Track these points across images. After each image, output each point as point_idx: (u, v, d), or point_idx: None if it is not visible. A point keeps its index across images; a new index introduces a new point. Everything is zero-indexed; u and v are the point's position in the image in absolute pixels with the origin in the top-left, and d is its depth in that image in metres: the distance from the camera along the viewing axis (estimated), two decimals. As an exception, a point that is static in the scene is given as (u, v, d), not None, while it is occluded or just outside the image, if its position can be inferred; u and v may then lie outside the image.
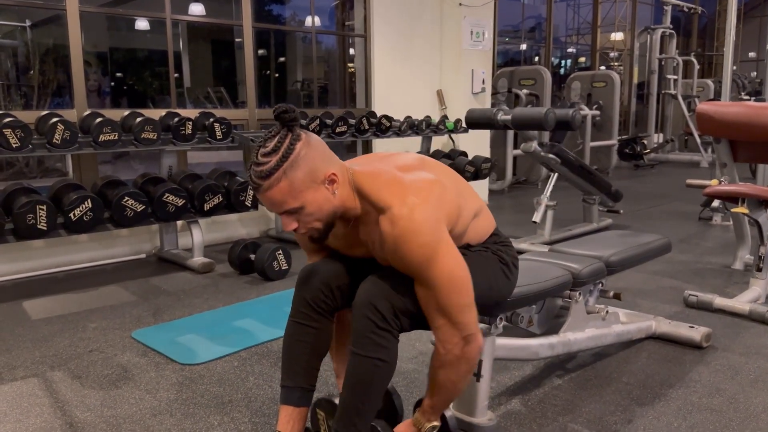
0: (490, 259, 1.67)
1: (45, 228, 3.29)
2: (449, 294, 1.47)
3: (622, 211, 5.17)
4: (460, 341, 1.50)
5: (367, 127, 4.93)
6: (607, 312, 2.41)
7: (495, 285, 1.67)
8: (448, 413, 1.72)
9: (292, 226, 1.49)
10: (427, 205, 1.47)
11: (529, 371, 2.40)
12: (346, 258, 1.73)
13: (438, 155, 5.47)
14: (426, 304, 1.49)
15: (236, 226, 4.88)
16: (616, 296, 2.50)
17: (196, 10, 9.88)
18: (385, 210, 1.47)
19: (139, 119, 3.91)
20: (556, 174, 4.56)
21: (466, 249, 1.65)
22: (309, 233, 1.53)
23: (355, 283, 1.69)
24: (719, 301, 3.05)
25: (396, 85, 5.80)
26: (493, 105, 6.59)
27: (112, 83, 12.01)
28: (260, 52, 12.25)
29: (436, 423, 1.64)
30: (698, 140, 9.27)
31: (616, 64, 12.39)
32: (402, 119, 5.27)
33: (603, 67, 11.51)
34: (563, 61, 14.47)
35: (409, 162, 1.60)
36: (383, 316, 1.47)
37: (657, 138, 10.44)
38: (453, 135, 6.03)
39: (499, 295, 1.71)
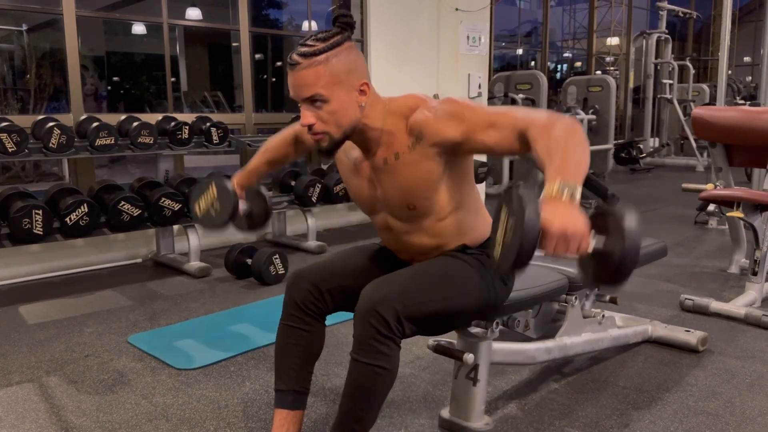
0: (488, 263, 1.67)
1: (41, 232, 3.28)
2: (512, 107, 1.49)
3: (618, 215, 5.18)
4: (548, 117, 1.38)
5: (363, 131, 4.93)
6: (603, 316, 2.41)
7: (492, 290, 1.67)
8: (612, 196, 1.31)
9: (310, 120, 1.47)
10: None
11: (526, 375, 2.40)
12: (339, 262, 1.73)
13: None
14: (505, 131, 1.43)
15: (232, 231, 4.86)
16: (613, 300, 2.50)
17: (193, 14, 9.90)
18: (421, 105, 1.53)
19: (135, 123, 3.91)
20: (553, 178, 4.56)
21: (462, 252, 1.65)
22: (321, 139, 1.51)
23: (347, 288, 1.70)
24: (715, 304, 3.06)
25: (393, 90, 5.75)
26: (489, 109, 6.60)
27: (109, 87, 12.01)
28: (257, 56, 12.27)
29: (579, 183, 1.24)
30: (694, 144, 9.30)
31: (612, 68, 12.43)
32: (399, 123, 5.27)
33: (599, 72, 11.55)
34: (559, 66, 14.52)
35: None
36: (387, 323, 1.44)
37: (653, 142, 10.47)
38: (450, 139, 6.03)
39: (497, 300, 1.72)
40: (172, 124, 4.09)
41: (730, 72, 8.63)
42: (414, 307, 1.49)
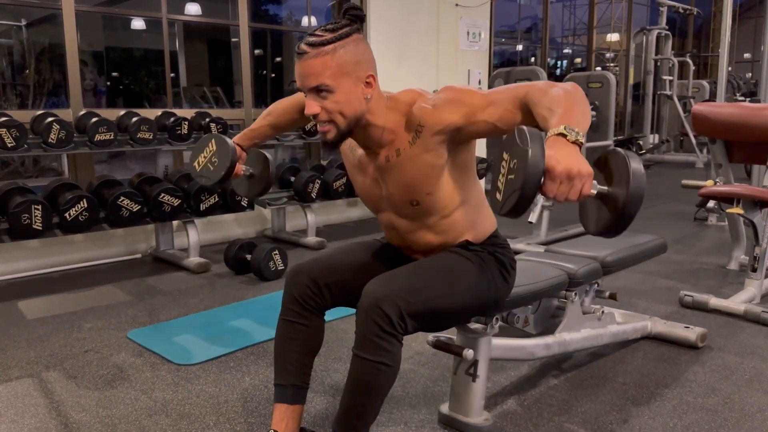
0: (489, 261, 1.67)
1: (40, 228, 3.28)
2: (509, 85, 1.49)
3: (617, 212, 5.18)
4: (550, 83, 1.41)
5: (363, 127, 4.93)
6: (602, 312, 2.42)
7: (493, 287, 1.67)
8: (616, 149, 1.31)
9: (315, 110, 1.47)
10: None
11: (525, 371, 2.40)
12: (338, 257, 1.74)
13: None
14: (506, 105, 1.44)
15: (232, 226, 4.88)
16: (612, 296, 2.50)
17: (193, 9, 9.87)
18: (419, 99, 1.54)
19: (135, 119, 3.90)
20: (552, 174, 4.56)
21: (465, 249, 1.65)
22: (327, 130, 1.51)
23: (346, 284, 1.70)
24: (714, 301, 3.06)
25: (392, 85, 5.76)
26: (489, 105, 6.59)
27: (108, 83, 11.98)
28: (257, 52, 12.24)
29: (581, 130, 1.24)
30: (694, 141, 9.29)
31: (612, 64, 12.41)
32: (398, 119, 5.27)
33: (599, 68, 11.53)
34: (559, 62, 14.50)
35: None
36: (390, 319, 1.44)
37: (653, 139, 10.46)
38: (449, 135, 6.04)
39: (498, 297, 1.72)
40: (172, 119, 4.08)
41: (730, 68, 8.61)
42: (417, 304, 1.49)
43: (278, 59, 12.89)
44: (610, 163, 1.26)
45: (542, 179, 1.13)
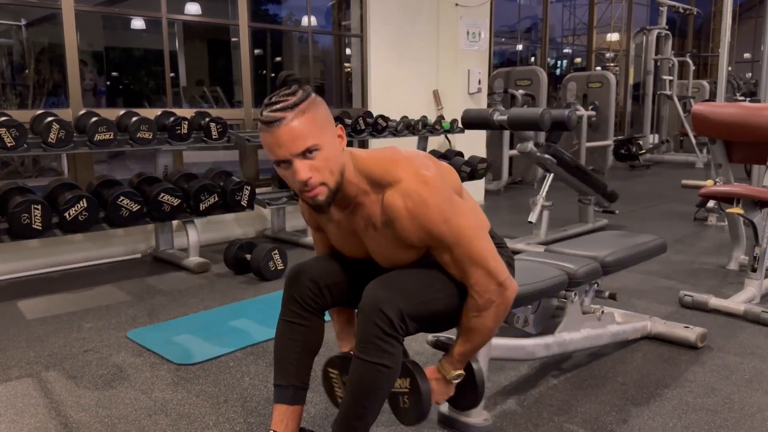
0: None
1: (40, 227, 3.28)
2: (477, 242, 1.52)
3: (617, 212, 5.19)
4: (496, 288, 1.54)
5: (363, 127, 4.93)
6: (602, 312, 2.42)
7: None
8: (475, 365, 1.72)
9: (308, 173, 1.42)
10: (435, 171, 1.51)
11: (525, 371, 2.40)
12: (337, 257, 1.73)
13: (434, 155, 5.46)
14: (457, 264, 1.53)
15: (232, 226, 4.88)
16: (612, 296, 2.50)
17: (192, 9, 9.87)
18: (394, 184, 1.48)
19: (134, 119, 3.90)
20: (552, 174, 4.57)
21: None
22: (318, 192, 1.46)
23: (346, 284, 1.70)
24: (714, 301, 3.06)
25: (392, 85, 5.80)
26: (489, 105, 6.60)
27: (108, 82, 11.98)
28: (256, 51, 12.24)
29: (462, 372, 1.67)
30: (693, 141, 9.29)
31: (611, 64, 12.40)
32: (398, 119, 5.28)
33: (599, 68, 11.53)
34: (559, 62, 14.50)
35: (406, 148, 1.63)
36: (391, 321, 1.44)
37: (652, 139, 10.46)
38: (449, 135, 6.04)
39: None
40: (171, 119, 4.08)
41: (730, 68, 8.60)
42: (418, 306, 1.50)
43: (278, 59, 12.89)
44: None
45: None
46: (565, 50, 14.85)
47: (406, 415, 1.66)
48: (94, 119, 3.73)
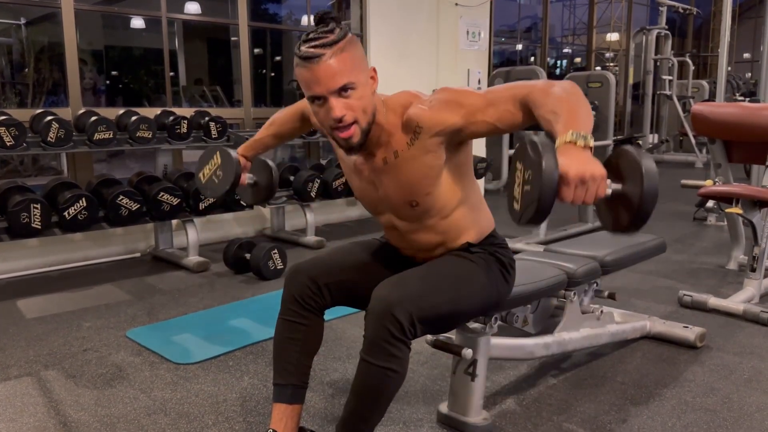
0: (491, 262, 1.67)
1: (39, 227, 3.28)
2: (507, 84, 1.47)
3: (617, 212, 5.18)
4: (550, 82, 1.39)
5: (362, 126, 4.93)
6: (601, 312, 2.42)
7: (496, 288, 1.67)
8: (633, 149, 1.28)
9: (343, 111, 1.42)
10: None
11: (524, 371, 2.40)
12: (337, 257, 1.73)
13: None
14: (506, 105, 1.42)
15: (231, 226, 4.88)
16: (611, 296, 2.50)
17: (192, 8, 9.86)
18: (415, 101, 1.52)
19: (134, 118, 3.90)
20: (552, 174, 4.56)
21: (467, 252, 1.65)
22: (352, 133, 1.46)
23: (345, 283, 1.70)
24: (713, 301, 3.06)
25: (392, 85, 5.76)
26: (489, 105, 6.59)
27: (108, 81, 11.98)
28: (256, 51, 12.23)
29: (581, 128, 1.24)
30: (693, 141, 9.29)
31: (611, 64, 12.40)
32: (398, 119, 5.27)
33: (598, 68, 11.54)
34: (559, 62, 14.50)
35: None
36: (402, 325, 1.42)
37: (652, 138, 10.46)
38: (449, 135, 6.03)
39: (499, 298, 1.71)
40: (171, 118, 4.08)
41: (729, 68, 8.61)
42: (427, 310, 1.49)
43: (278, 58, 12.88)
44: (621, 162, 1.28)
45: (558, 186, 1.17)
46: (565, 50, 14.86)
47: (528, 207, 1.23)
48: (93, 118, 3.73)
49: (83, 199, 3.40)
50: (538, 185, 1.16)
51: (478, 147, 6.39)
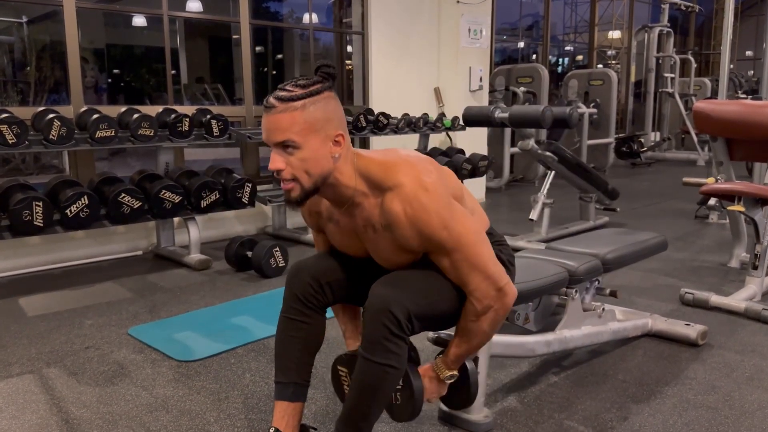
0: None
1: (41, 224, 3.28)
2: (477, 247, 1.51)
3: (618, 209, 5.18)
4: (495, 293, 1.53)
5: (364, 124, 4.93)
6: (603, 309, 2.42)
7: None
8: (469, 365, 1.72)
9: (280, 165, 1.43)
10: (436, 177, 1.51)
11: (526, 368, 2.40)
12: (338, 255, 1.73)
13: (435, 153, 5.47)
14: (456, 270, 1.51)
15: (233, 223, 4.88)
16: (613, 294, 2.51)
17: (194, 6, 9.86)
18: (394, 188, 1.47)
19: (135, 116, 3.90)
20: (553, 172, 4.57)
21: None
22: (291, 188, 1.47)
23: (347, 281, 1.70)
24: (715, 298, 3.06)
25: (393, 83, 5.80)
26: (490, 103, 6.60)
27: (109, 80, 11.99)
28: (258, 49, 12.24)
29: (455, 372, 1.67)
30: (695, 138, 9.28)
31: (613, 62, 12.39)
32: (399, 117, 5.27)
33: (600, 66, 11.52)
34: (561, 59, 14.48)
35: (408, 151, 1.63)
36: (399, 322, 1.44)
37: (654, 136, 10.45)
38: (450, 133, 6.03)
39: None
40: (173, 116, 4.08)
41: (731, 66, 8.62)
42: (424, 306, 1.50)
43: (279, 56, 12.88)
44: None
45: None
46: (567, 47, 14.83)
47: (398, 411, 1.67)
48: (95, 116, 3.74)
49: (85, 197, 3.41)
50: (412, 404, 1.63)
51: (480, 145, 6.38)
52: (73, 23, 4.10)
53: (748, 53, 17.69)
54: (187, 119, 4.10)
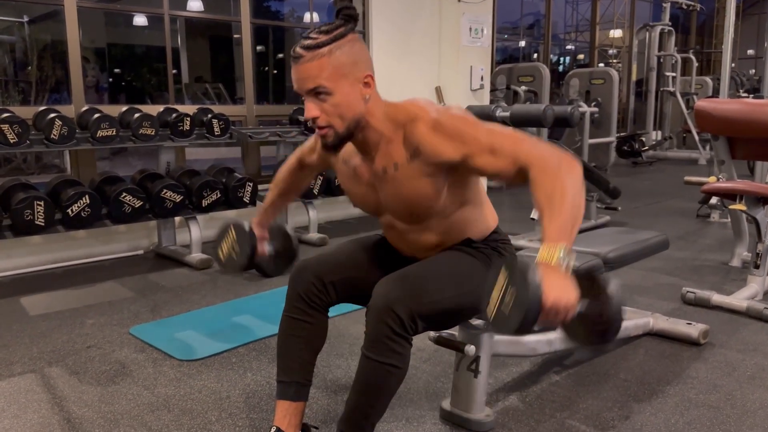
0: (493, 257, 1.67)
1: (43, 224, 3.29)
2: (511, 130, 1.44)
3: (620, 208, 5.18)
4: (552, 151, 1.39)
5: (365, 123, 4.92)
6: (604, 308, 2.41)
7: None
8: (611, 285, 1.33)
9: (315, 113, 1.44)
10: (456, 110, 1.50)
11: (527, 368, 2.40)
12: (342, 254, 1.73)
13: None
14: (501, 151, 1.42)
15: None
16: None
17: (195, 6, 9.86)
18: (416, 118, 1.48)
19: (137, 115, 3.90)
20: (555, 171, 4.56)
21: (469, 247, 1.65)
22: (326, 134, 1.48)
23: (351, 281, 1.70)
24: (717, 297, 3.06)
25: (394, 82, 5.78)
26: (491, 102, 6.59)
27: (110, 79, 12.00)
28: (259, 48, 12.24)
29: (568, 245, 1.28)
30: (696, 137, 9.27)
31: (614, 61, 12.38)
32: (400, 116, 5.26)
33: (602, 65, 11.51)
34: (562, 58, 14.48)
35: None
36: (402, 321, 1.44)
37: (655, 135, 10.44)
38: (451, 132, 6.02)
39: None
40: (174, 115, 4.08)
41: (733, 65, 8.61)
42: (428, 305, 1.49)
43: (280, 55, 12.88)
44: (591, 283, 1.34)
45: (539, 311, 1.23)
46: (568, 47, 14.82)
47: (504, 321, 1.27)
48: (96, 116, 3.74)
49: (86, 196, 3.41)
50: (522, 310, 1.22)
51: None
52: (74, 23, 4.10)
53: (750, 52, 17.66)
54: (189, 119, 4.10)
